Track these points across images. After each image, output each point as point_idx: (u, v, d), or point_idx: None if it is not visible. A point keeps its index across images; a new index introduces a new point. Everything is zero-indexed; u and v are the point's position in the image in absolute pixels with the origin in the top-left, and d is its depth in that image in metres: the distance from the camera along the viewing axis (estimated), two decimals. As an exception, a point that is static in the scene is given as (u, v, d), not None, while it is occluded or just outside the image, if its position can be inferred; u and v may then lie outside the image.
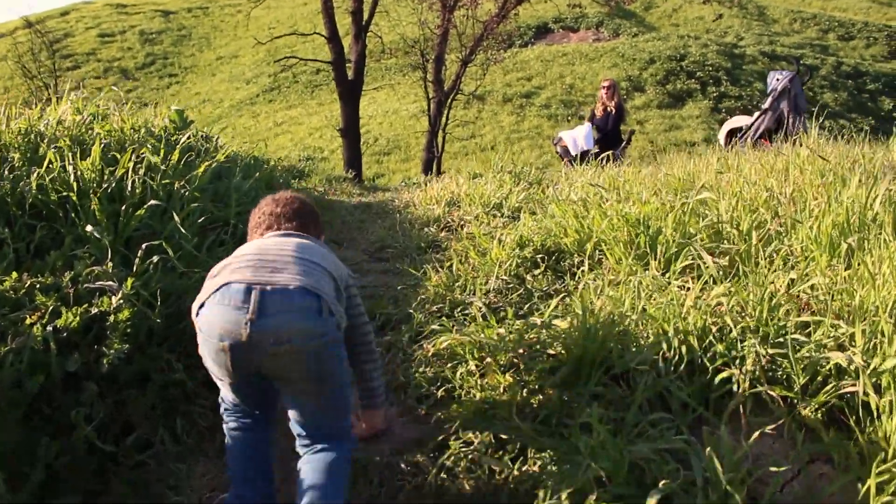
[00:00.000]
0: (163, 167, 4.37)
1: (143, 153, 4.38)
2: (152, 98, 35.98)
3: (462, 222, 6.49)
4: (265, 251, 2.31)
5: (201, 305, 2.20)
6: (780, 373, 3.03)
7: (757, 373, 2.95)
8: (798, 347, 3.03)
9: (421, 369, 3.56)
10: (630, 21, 38.13)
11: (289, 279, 2.16)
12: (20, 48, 23.43)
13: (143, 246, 3.51)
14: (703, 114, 27.30)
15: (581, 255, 4.72)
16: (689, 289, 3.63)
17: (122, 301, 3.06)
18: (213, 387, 2.58)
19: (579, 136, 11.50)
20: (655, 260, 4.15)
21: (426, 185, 9.57)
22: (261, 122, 29.33)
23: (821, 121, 6.62)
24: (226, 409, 2.46)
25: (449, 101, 17.76)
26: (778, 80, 9.20)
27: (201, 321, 2.18)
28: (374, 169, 24.65)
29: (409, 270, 5.09)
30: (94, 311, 3.03)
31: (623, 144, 11.90)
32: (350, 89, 15.75)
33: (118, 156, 4.25)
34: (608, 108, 11.82)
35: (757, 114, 9.38)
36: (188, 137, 4.99)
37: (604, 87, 11.89)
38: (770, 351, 3.03)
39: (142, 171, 4.15)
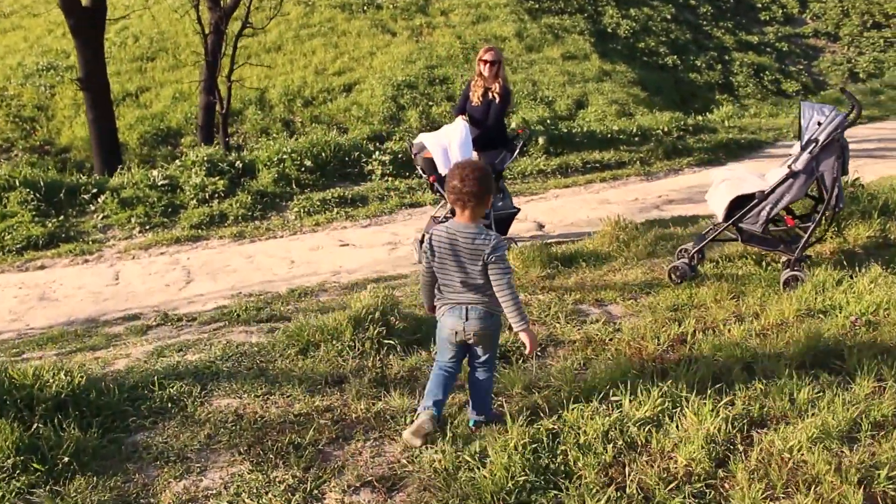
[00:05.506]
0: None
1: None
2: None
3: None
4: (464, 271, 3.32)
5: (442, 312, 3.46)
6: None
7: None
8: None
9: None
10: None
11: (478, 301, 3.35)
12: None
13: None
14: (510, 1, 22.87)
15: None
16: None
17: None
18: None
19: (452, 144, 7.00)
20: None
21: None
22: (-17, 12, 21.49)
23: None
24: (437, 364, 3.56)
25: (235, 30, 12.15)
26: (820, 123, 5.09)
27: (442, 321, 3.45)
28: (136, 81, 18.39)
29: None
30: None
31: (516, 152, 7.49)
32: (87, 21, 9.87)
33: None
34: (490, 94, 7.33)
35: (779, 174, 5.28)
36: None
37: (484, 61, 7.34)
38: None
39: None
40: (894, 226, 6.53)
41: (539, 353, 4.38)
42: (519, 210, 7.47)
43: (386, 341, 4.40)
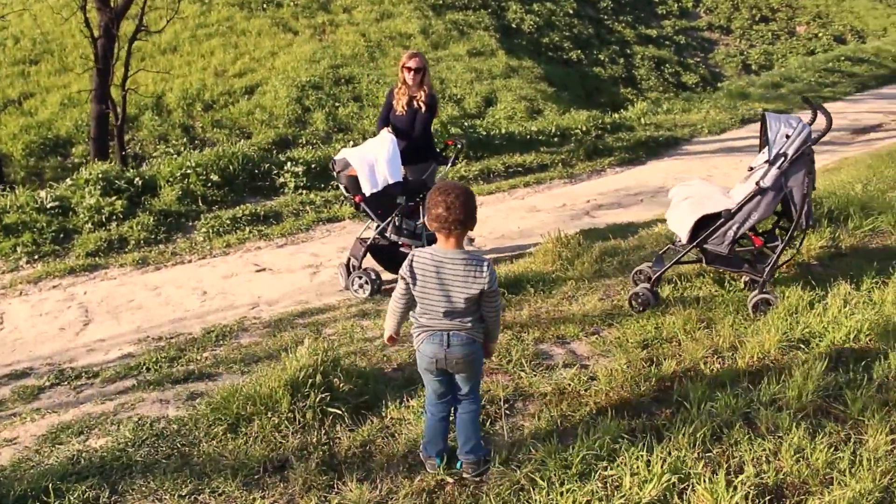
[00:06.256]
0: None
1: None
2: None
3: None
4: (448, 299, 3.10)
5: (421, 339, 3.23)
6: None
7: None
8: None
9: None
10: None
11: (460, 328, 3.15)
12: None
13: None
14: (414, -3, 22.21)
15: None
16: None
17: None
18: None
19: (380, 160, 6.34)
20: None
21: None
22: None
23: None
24: (428, 404, 3.38)
25: (128, 32, 11.05)
26: (788, 136, 4.67)
27: (421, 349, 3.22)
28: (18, 86, 16.83)
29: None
30: None
31: (447, 166, 6.92)
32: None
33: None
34: (415, 103, 6.70)
35: (745, 191, 4.85)
36: None
37: (408, 68, 6.69)
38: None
39: None
40: (843, 233, 6.25)
41: (508, 412, 3.79)
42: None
43: (330, 409, 3.71)
